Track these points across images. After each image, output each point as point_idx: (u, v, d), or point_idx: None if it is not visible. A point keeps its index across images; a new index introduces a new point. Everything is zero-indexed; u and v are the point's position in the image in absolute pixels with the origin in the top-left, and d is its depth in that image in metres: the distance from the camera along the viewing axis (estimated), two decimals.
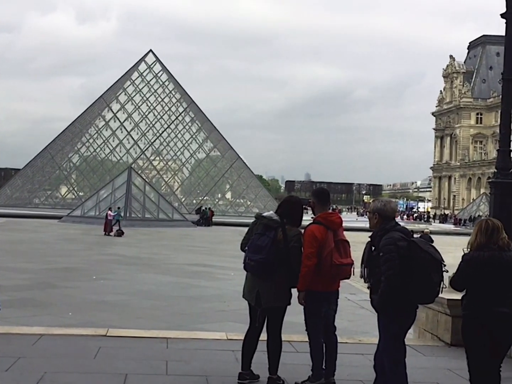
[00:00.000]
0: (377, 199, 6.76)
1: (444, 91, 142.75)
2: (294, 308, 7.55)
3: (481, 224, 6.33)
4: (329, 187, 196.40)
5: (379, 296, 6.17)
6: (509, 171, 10.95)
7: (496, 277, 6.15)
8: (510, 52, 11.23)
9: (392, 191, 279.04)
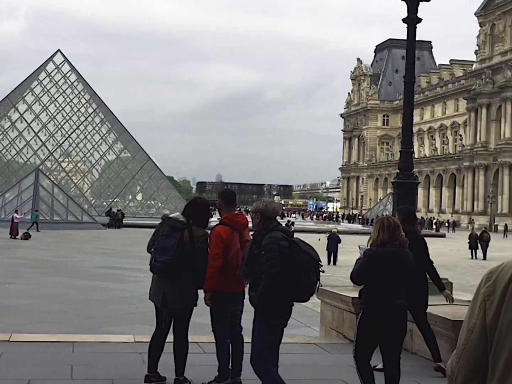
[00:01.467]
0: (260, 199, 6.86)
1: (352, 93, 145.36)
2: (202, 309, 7.57)
3: (382, 222, 6.59)
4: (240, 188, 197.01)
5: (259, 293, 6.25)
6: (410, 172, 11.27)
7: (395, 272, 6.46)
8: (411, 55, 11.58)
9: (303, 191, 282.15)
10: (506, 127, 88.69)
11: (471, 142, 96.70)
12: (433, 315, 8.71)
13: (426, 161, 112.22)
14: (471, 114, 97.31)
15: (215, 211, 8.61)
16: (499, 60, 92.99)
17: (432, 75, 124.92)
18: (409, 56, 11.55)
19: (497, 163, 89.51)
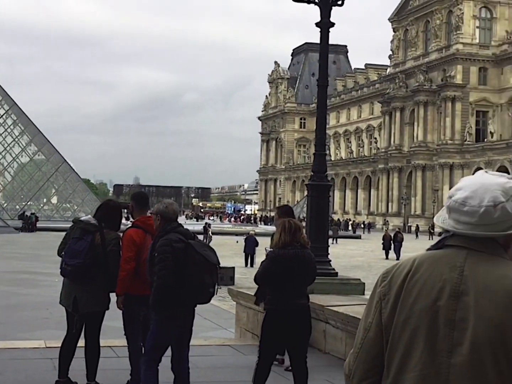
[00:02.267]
0: (161, 201, 6.87)
1: (270, 96, 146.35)
2: (114, 313, 7.48)
3: (284, 224, 6.72)
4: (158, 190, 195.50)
5: (152, 295, 6.28)
6: (324, 174, 11.41)
7: (297, 273, 6.63)
8: (324, 59, 11.72)
9: (221, 194, 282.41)
10: (419, 130, 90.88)
11: (386, 145, 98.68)
12: (344, 314, 8.85)
13: (343, 163, 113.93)
14: (386, 118, 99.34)
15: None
16: (412, 64, 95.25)
17: (348, 78, 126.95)
18: (322, 60, 11.69)
19: (411, 166, 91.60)
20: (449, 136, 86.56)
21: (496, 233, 2.14)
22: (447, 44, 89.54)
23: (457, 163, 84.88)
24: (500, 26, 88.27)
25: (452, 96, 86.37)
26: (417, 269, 2.18)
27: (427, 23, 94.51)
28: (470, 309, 2.06)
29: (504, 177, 2.22)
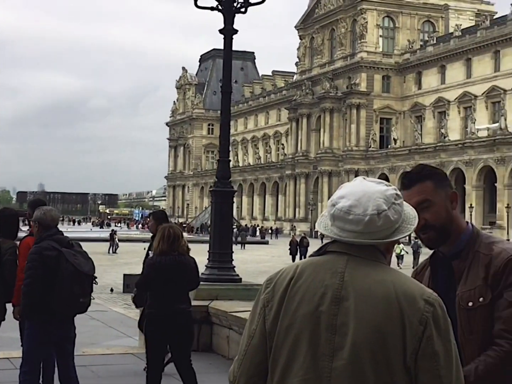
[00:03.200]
0: (39, 208, 6.75)
1: (178, 102, 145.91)
2: (12, 324, 7.29)
3: (163, 232, 6.82)
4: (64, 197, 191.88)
5: (20, 304, 6.24)
6: (228, 180, 11.44)
7: (176, 279, 6.77)
8: (228, 66, 11.76)
9: (128, 200, 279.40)
10: (325, 137, 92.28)
11: (293, 151, 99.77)
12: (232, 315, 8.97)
13: (250, 169, 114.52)
14: (293, 124, 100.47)
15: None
16: (318, 72, 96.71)
17: (256, 85, 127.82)
18: (226, 67, 11.73)
19: (317, 171, 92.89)
20: (354, 143, 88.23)
21: (379, 240, 2.20)
22: (352, 52, 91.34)
23: (362, 169, 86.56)
24: (402, 35, 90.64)
25: (357, 103, 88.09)
26: (300, 276, 2.21)
27: (332, 31, 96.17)
28: (350, 313, 2.10)
29: (382, 184, 2.28)
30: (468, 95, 78.65)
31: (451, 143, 74.77)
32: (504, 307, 2.71)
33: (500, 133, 68.57)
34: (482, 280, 2.77)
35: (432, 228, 2.85)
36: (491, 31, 76.43)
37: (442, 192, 2.88)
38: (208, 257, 11.19)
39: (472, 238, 2.89)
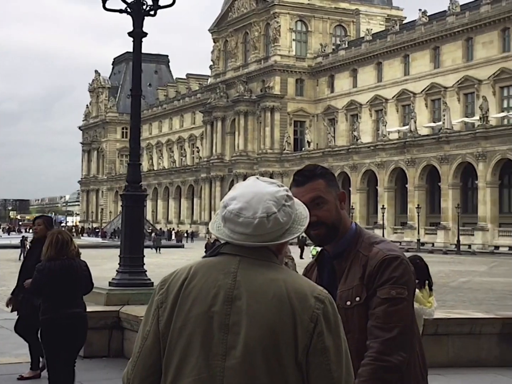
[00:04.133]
0: None
1: (91, 105, 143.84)
2: None
3: (52, 238, 6.86)
4: None
5: None
6: (139, 184, 11.36)
7: (67, 283, 6.84)
8: (137, 69, 11.68)
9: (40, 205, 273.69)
10: (240, 140, 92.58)
11: (208, 154, 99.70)
12: None
13: (165, 173, 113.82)
14: (207, 127, 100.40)
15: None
16: (232, 75, 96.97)
17: (170, 88, 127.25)
18: (136, 70, 11.65)
19: (232, 174, 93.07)
20: (268, 146, 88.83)
21: (269, 243, 2.23)
22: (266, 56, 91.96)
23: (276, 172, 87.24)
24: (315, 39, 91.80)
25: (271, 107, 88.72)
26: (193, 276, 2.23)
27: (246, 35, 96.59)
28: (242, 313, 2.13)
29: (275, 185, 2.30)
30: (379, 98, 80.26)
31: (363, 146, 76.14)
32: (377, 304, 2.79)
33: (410, 135, 70.23)
34: (359, 280, 2.86)
35: (323, 225, 2.91)
36: (400, 35, 78.22)
37: (333, 191, 2.96)
38: (119, 262, 11.08)
39: (354, 238, 2.97)
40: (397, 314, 2.78)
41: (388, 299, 2.79)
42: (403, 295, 2.81)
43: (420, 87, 74.61)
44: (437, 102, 73.50)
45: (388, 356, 2.72)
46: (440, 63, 72.91)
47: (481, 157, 62.11)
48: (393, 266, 2.83)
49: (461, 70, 69.84)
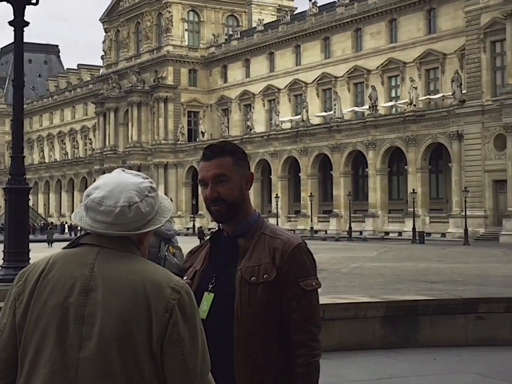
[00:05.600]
0: None
1: None
2: None
3: None
4: None
5: None
6: (22, 177, 11.10)
7: None
8: (19, 59, 11.40)
9: None
10: (133, 131, 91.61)
11: (101, 145, 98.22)
12: None
13: (57, 165, 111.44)
14: (100, 118, 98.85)
15: None
16: (125, 65, 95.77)
17: (60, 79, 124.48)
18: (17, 60, 11.36)
19: (126, 166, 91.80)
20: (162, 136, 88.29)
21: (129, 232, 2.24)
22: (158, 46, 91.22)
23: (171, 163, 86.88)
24: (208, 29, 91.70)
25: (164, 97, 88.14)
26: (51, 268, 2.22)
27: (138, 25, 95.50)
28: (98, 304, 2.13)
29: (139, 177, 2.32)
30: (271, 88, 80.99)
31: (256, 135, 76.80)
32: (302, 296, 2.82)
33: (302, 125, 71.29)
34: (268, 259, 2.85)
35: (223, 202, 2.90)
36: (291, 26, 79.10)
37: (240, 170, 2.94)
38: (3, 257, 10.81)
39: (258, 222, 2.98)
40: (318, 305, 2.87)
41: (312, 291, 2.84)
42: (319, 285, 2.89)
43: (311, 77, 75.72)
44: (328, 91, 74.80)
45: (318, 349, 2.83)
46: (330, 53, 74.20)
47: (370, 145, 63.70)
48: (308, 255, 2.89)
49: (350, 60, 71.30)
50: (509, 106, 51.28)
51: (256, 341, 2.80)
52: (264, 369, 2.81)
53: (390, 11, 67.10)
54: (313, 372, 2.81)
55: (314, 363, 2.80)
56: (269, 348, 2.83)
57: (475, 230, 53.57)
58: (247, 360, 2.81)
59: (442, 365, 8.52)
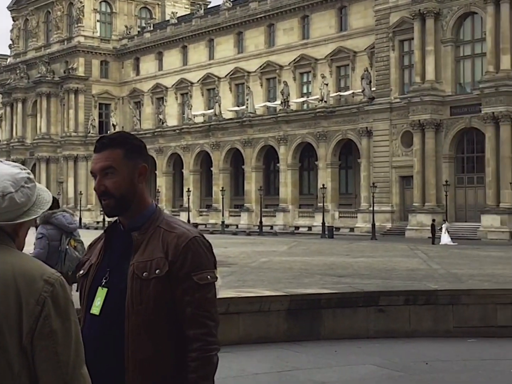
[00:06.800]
0: None
1: None
2: None
3: None
4: None
5: None
6: None
7: None
8: None
9: None
10: (42, 122, 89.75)
11: (8, 136, 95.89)
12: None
13: None
14: (7, 109, 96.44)
15: None
16: (34, 55, 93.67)
17: None
18: None
19: (34, 158, 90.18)
20: (73, 128, 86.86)
21: (4, 222, 2.19)
22: (69, 36, 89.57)
23: (81, 155, 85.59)
24: (120, 21, 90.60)
25: (75, 88, 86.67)
26: None
27: (48, 14, 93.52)
28: None
29: (17, 168, 2.30)
30: (185, 81, 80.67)
31: (169, 129, 76.46)
32: (196, 290, 2.78)
33: (215, 119, 71.34)
34: (161, 254, 2.80)
35: (111, 196, 2.84)
36: (205, 20, 78.93)
37: (131, 163, 2.87)
38: None
39: (155, 215, 2.91)
40: (214, 299, 2.82)
41: (206, 284, 2.79)
42: (215, 278, 2.84)
43: (224, 72, 75.78)
44: (241, 86, 75.04)
45: (215, 344, 2.79)
46: (243, 48, 74.40)
47: (282, 140, 64.27)
48: (204, 249, 2.84)
49: (263, 56, 71.69)
50: (416, 104, 52.60)
51: (148, 337, 2.76)
52: (155, 365, 2.77)
53: (302, 8, 67.76)
54: (207, 366, 2.77)
55: (208, 358, 2.77)
56: (162, 343, 2.79)
57: (382, 225, 54.79)
58: (137, 356, 2.76)
59: (342, 357, 8.67)
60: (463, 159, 53.38)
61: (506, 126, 48.38)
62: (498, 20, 49.11)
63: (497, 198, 49.04)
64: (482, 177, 51.07)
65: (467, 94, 51.69)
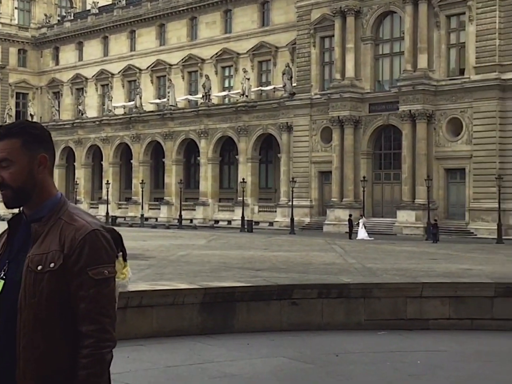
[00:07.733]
0: None
1: None
2: None
3: None
4: None
5: None
6: None
7: None
8: None
9: None
10: None
11: None
12: None
13: None
14: None
15: None
16: None
17: None
18: None
19: None
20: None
21: None
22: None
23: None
24: (39, 9, 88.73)
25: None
26: None
27: None
28: None
29: None
30: (105, 73, 79.56)
31: (88, 120, 75.38)
32: (90, 285, 2.70)
33: (135, 111, 70.70)
34: (57, 247, 2.74)
35: (9, 187, 2.77)
36: (127, 10, 77.99)
37: (30, 153, 2.79)
38: None
39: (58, 206, 2.84)
40: (111, 294, 2.75)
41: (102, 280, 2.72)
42: (113, 273, 2.77)
43: (146, 63, 75.08)
44: (163, 79, 74.50)
45: (109, 341, 2.71)
46: (166, 40, 73.86)
47: (203, 134, 64.18)
48: (103, 242, 2.76)
49: (185, 49, 71.33)
50: (336, 100, 53.29)
51: (40, 333, 2.69)
52: (47, 361, 2.71)
53: (225, 2, 67.69)
54: (99, 363, 2.70)
55: (99, 355, 2.69)
56: (55, 339, 2.72)
57: (301, 219, 55.34)
58: (29, 351, 2.69)
59: (255, 350, 8.73)
60: (381, 156, 54.40)
61: (422, 124, 49.52)
62: (416, 19, 50.22)
63: (413, 194, 50.18)
64: (398, 174, 52.16)
65: (386, 92, 52.70)
